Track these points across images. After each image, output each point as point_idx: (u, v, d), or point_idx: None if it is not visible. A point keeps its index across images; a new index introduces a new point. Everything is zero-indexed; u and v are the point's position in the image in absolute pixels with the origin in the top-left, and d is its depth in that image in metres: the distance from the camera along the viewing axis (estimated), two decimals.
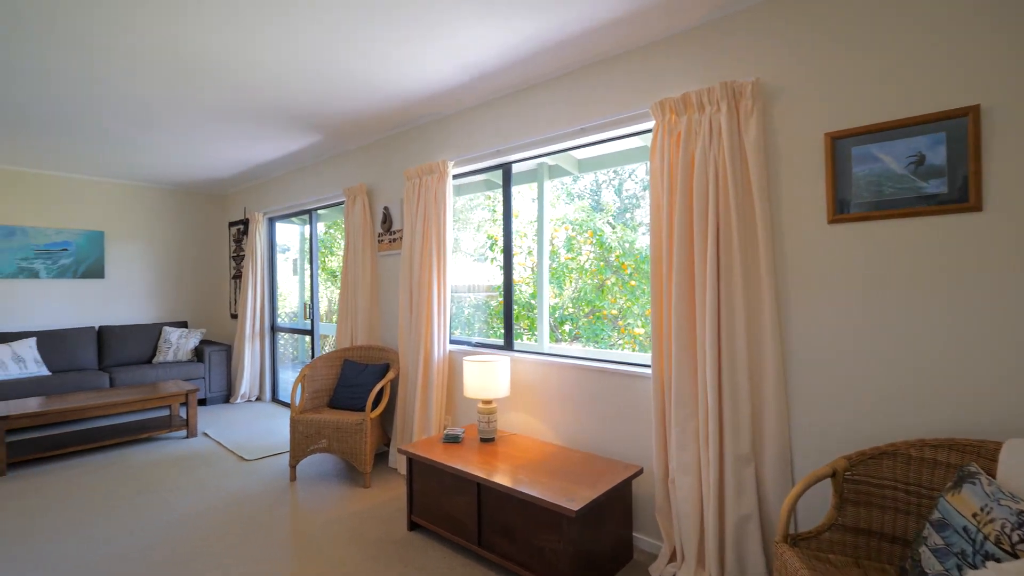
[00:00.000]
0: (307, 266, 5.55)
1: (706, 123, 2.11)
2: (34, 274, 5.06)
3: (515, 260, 4.44)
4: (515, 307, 4.42)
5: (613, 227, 4.30)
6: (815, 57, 1.95)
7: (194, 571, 2.26)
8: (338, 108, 3.33)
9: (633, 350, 3.78)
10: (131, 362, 5.27)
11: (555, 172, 3.31)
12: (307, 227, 5.77)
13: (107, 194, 5.51)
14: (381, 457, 3.71)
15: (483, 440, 2.73)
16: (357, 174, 4.24)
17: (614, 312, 4.12)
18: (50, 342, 4.84)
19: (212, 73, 2.78)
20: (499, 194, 3.50)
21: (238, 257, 6.03)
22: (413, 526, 2.64)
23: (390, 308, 3.92)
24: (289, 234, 6.33)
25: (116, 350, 5.20)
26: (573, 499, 1.99)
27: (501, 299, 3.33)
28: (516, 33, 2.37)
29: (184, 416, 4.74)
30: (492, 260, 4.62)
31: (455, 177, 3.55)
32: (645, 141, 2.83)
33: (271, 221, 5.70)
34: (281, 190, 5.23)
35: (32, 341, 4.71)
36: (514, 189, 3.24)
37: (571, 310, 4.47)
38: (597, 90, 2.61)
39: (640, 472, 2.32)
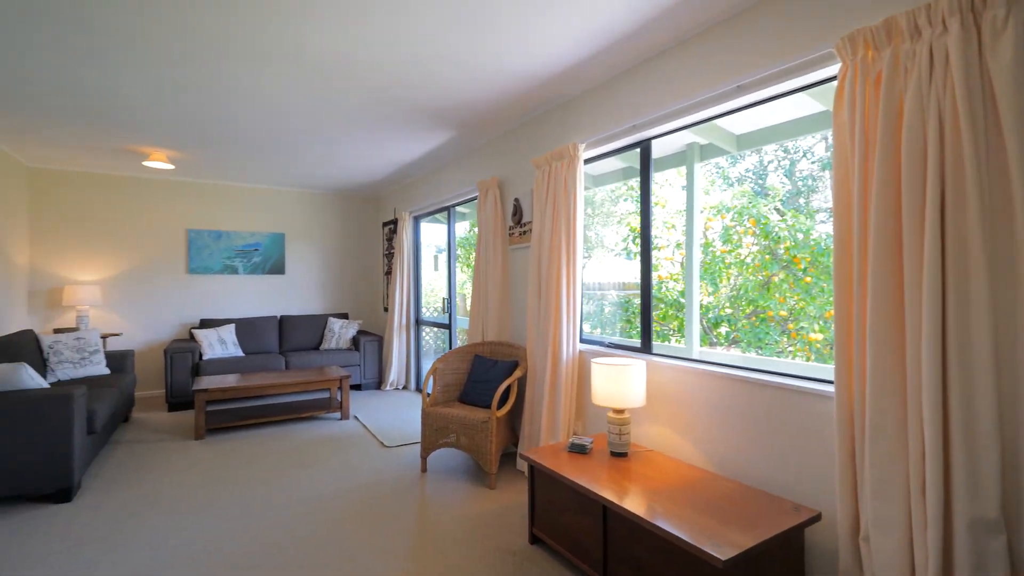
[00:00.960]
0: (446, 262, 5.73)
1: (923, 53, 1.53)
2: (234, 270, 6.02)
3: (661, 254, 3.97)
4: (663, 306, 3.96)
5: (782, 214, 3.60)
6: None
7: (326, 554, 2.34)
8: (466, 99, 3.27)
9: (808, 360, 3.09)
10: (302, 348, 5.97)
11: (708, 153, 2.84)
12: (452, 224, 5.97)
13: (287, 200, 6.33)
14: (509, 457, 3.59)
15: (613, 454, 2.41)
16: (488, 167, 4.19)
17: (783, 313, 3.43)
18: (244, 328, 5.70)
19: (352, 78, 2.89)
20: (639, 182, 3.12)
21: (389, 254, 6.50)
22: (534, 539, 2.43)
23: (521, 304, 3.78)
24: (437, 232, 6.64)
25: (292, 337, 5.94)
26: (721, 544, 1.58)
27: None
28: None
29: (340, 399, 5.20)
30: (635, 254, 4.22)
31: (588, 161, 3.26)
32: (824, 102, 2.24)
33: (416, 219, 6.01)
34: (423, 189, 5.47)
35: (232, 327, 5.58)
36: (660, 175, 2.85)
37: (729, 310, 3.86)
38: (757, 36, 2.11)
39: (817, 518, 1.80)
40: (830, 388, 1.89)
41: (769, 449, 2.09)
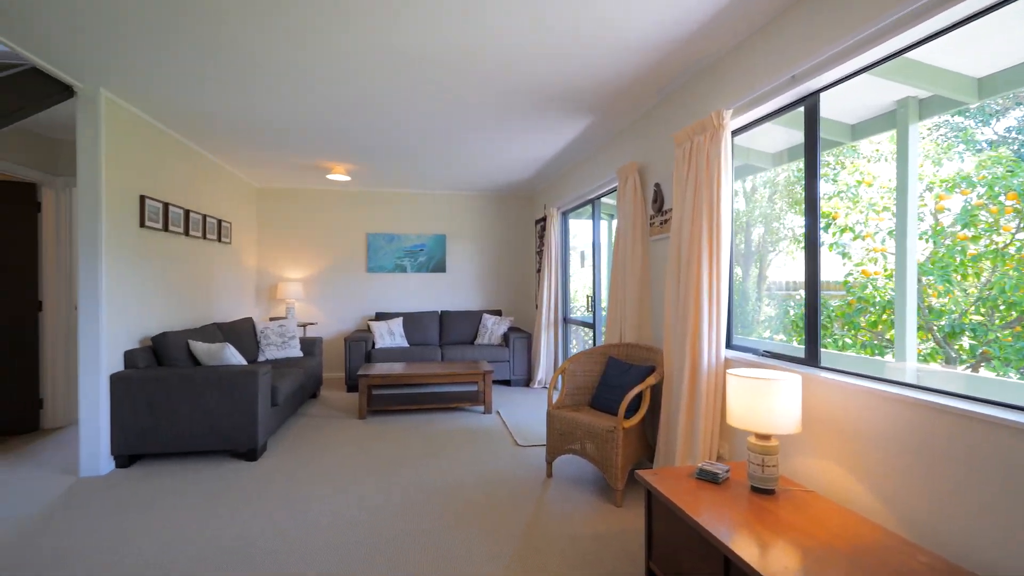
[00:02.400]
0: (591, 258, 5.47)
1: None
2: (403, 269, 6.66)
3: (866, 244, 3.20)
4: (872, 310, 3.18)
5: None
6: None
7: (432, 545, 2.34)
8: (600, 77, 3.00)
9: None
10: (459, 342, 6.31)
11: (932, 108, 2.14)
12: (601, 220, 5.70)
13: (448, 203, 6.78)
14: None
15: (754, 489, 1.92)
16: (628, 152, 3.83)
17: None
18: (410, 321, 6.25)
19: (486, 77, 2.89)
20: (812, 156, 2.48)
21: (540, 252, 6.49)
22: (651, 574, 2.08)
23: (662, 301, 3.36)
24: (586, 228, 6.43)
25: (450, 331, 6.32)
26: None
27: (844, 296, 2.36)
28: None
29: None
30: (832, 247, 3.44)
31: (739, 132, 2.72)
32: None
33: (564, 215, 5.88)
34: (568, 183, 5.31)
35: (400, 320, 6.17)
36: (864, 142, 2.22)
37: (977, 317, 2.86)
38: None
39: None
40: None
41: (997, 517, 1.42)
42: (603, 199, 4.79)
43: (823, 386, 2.03)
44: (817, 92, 2.19)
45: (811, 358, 2.22)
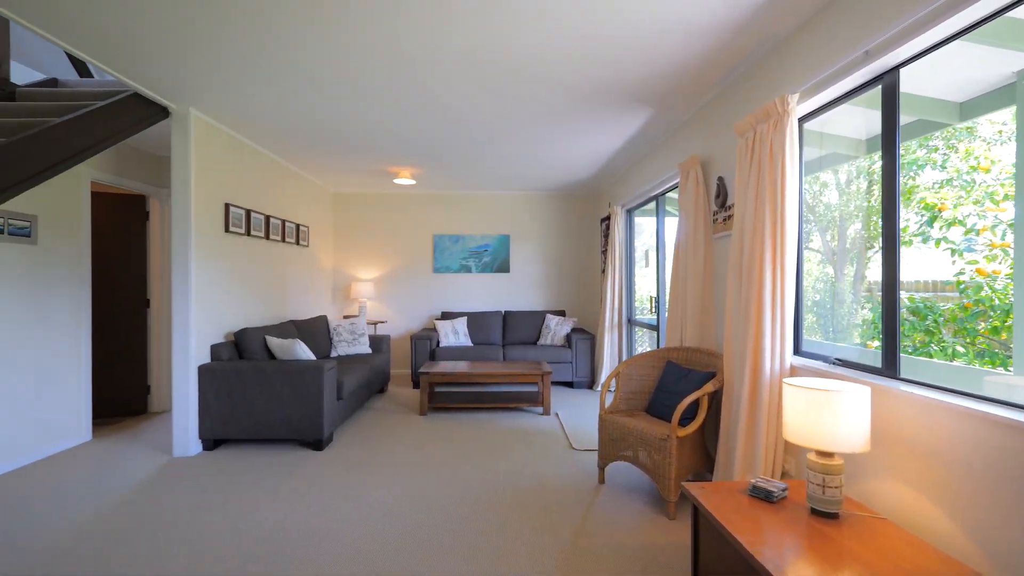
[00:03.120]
0: (655, 257, 5.25)
1: None
2: (468, 270, 6.78)
3: (974, 238, 2.87)
4: (993, 313, 2.83)
5: None
6: None
7: (478, 544, 2.34)
8: (662, 66, 2.87)
9: None
10: (521, 342, 6.31)
11: None
12: (666, 217, 5.47)
13: (511, 204, 6.81)
14: None
15: (814, 512, 1.73)
16: (689, 146, 3.63)
17: None
18: (474, 321, 6.35)
19: (545, 73, 2.87)
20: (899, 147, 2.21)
21: (605, 251, 6.34)
22: None
23: (724, 303, 3.15)
24: (651, 226, 6.19)
25: (513, 331, 6.35)
26: None
27: (958, 298, 2.12)
28: None
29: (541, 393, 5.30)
30: (939, 242, 3.06)
31: (807, 119, 2.49)
32: None
33: (628, 213, 5.70)
34: (631, 179, 5.13)
35: (464, 319, 6.29)
36: (984, 121, 1.96)
37: None
38: None
39: None
40: None
41: None
42: (668, 195, 4.58)
43: (902, 400, 1.79)
44: (895, 68, 1.93)
45: (889, 368, 1.97)
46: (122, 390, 4.53)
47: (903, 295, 2.23)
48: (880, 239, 2.02)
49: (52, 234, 3.54)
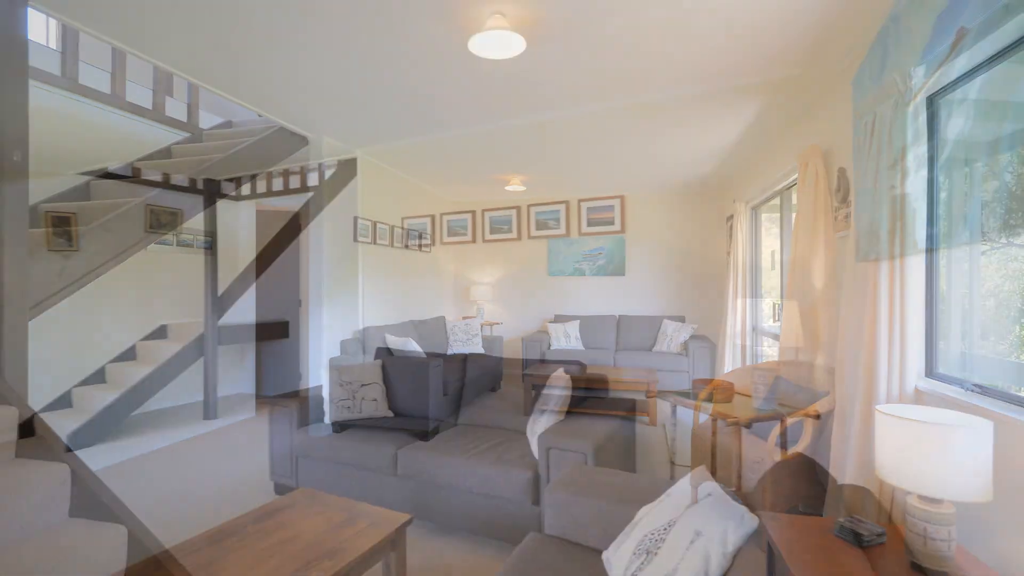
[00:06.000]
0: (780, 259, 4.69)
1: None
2: (582, 273, 6.76)
3: None
4: None
5: None
6: None
7: None
8: (766, 49, 2.62)
9: None
10: (635, 348, 6.11)
11: None
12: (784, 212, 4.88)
13: (626, 204, 6.62)
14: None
15: (915, 567, 1.44)
16: (809, 135, 3.21)
17: None
18: (587, 325, 6.32)
19: (651, 58, 2.82)
20: None
21: (728, 253, 5.84)
22: None
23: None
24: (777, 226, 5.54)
25: (626, 336, 6.18)
26: None
27: None
28: None
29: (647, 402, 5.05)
30: None
31: (940, 94, 2.06)
32: None
33: (753, 211, 5.18)
34: (753, 174, 4.67)
35: (577, 323, 6.30)
36: None
37: None
38: None
39: None
40: None
41: None
42: (792, 190, 4.08)
43: None
44: None
45: None
46: (284, 376, 5.42)
47: None
48: None
49: (225, 246, 4.40)
